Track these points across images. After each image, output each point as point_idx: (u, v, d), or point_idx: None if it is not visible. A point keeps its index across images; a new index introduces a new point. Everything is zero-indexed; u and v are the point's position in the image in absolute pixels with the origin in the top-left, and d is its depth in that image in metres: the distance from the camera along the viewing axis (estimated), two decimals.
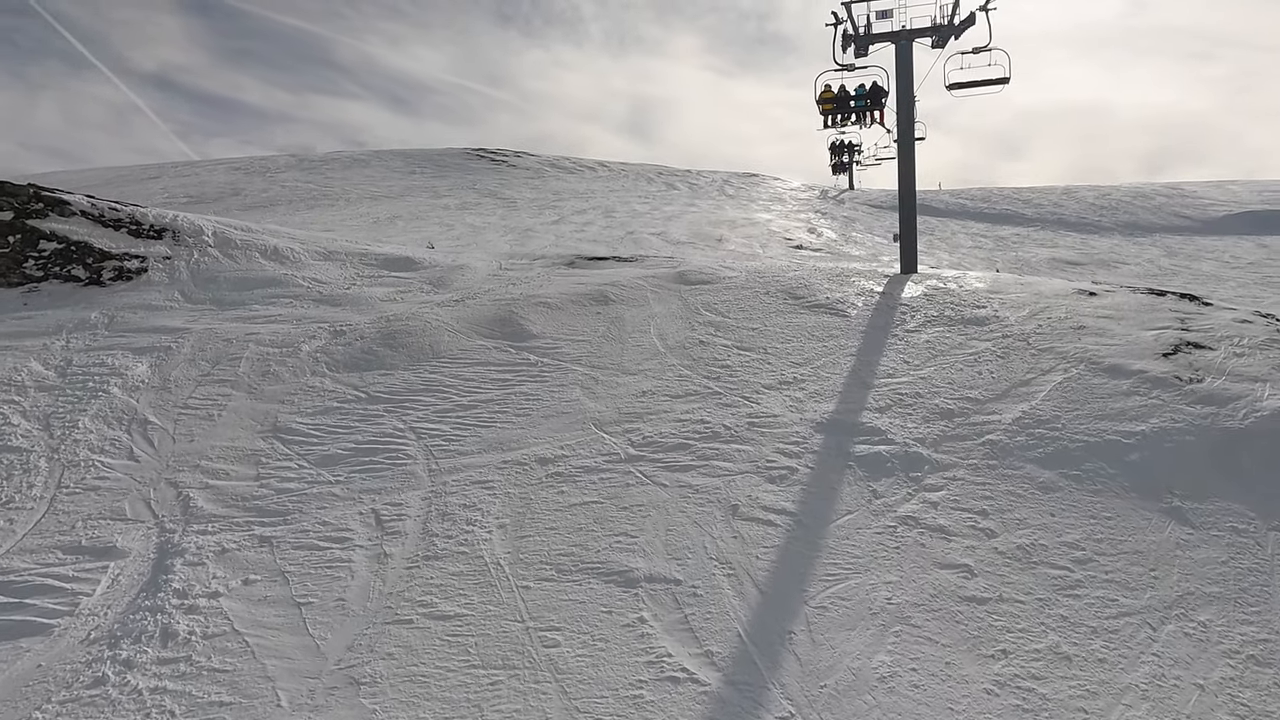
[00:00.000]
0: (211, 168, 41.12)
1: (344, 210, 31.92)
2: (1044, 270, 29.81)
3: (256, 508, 5.44)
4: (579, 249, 22.66)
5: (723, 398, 7.39)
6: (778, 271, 10.94)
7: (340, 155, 44.42)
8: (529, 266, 10.61)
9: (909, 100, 11.76)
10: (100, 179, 38.17)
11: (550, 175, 44.60)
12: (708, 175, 50.80)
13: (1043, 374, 8.19)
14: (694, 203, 39.51)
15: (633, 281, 9.98)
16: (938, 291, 10.30)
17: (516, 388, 7.33)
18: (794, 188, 49.54)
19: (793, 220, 35.45)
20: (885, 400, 7.53)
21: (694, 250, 26.09)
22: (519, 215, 31.56)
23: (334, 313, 8.63)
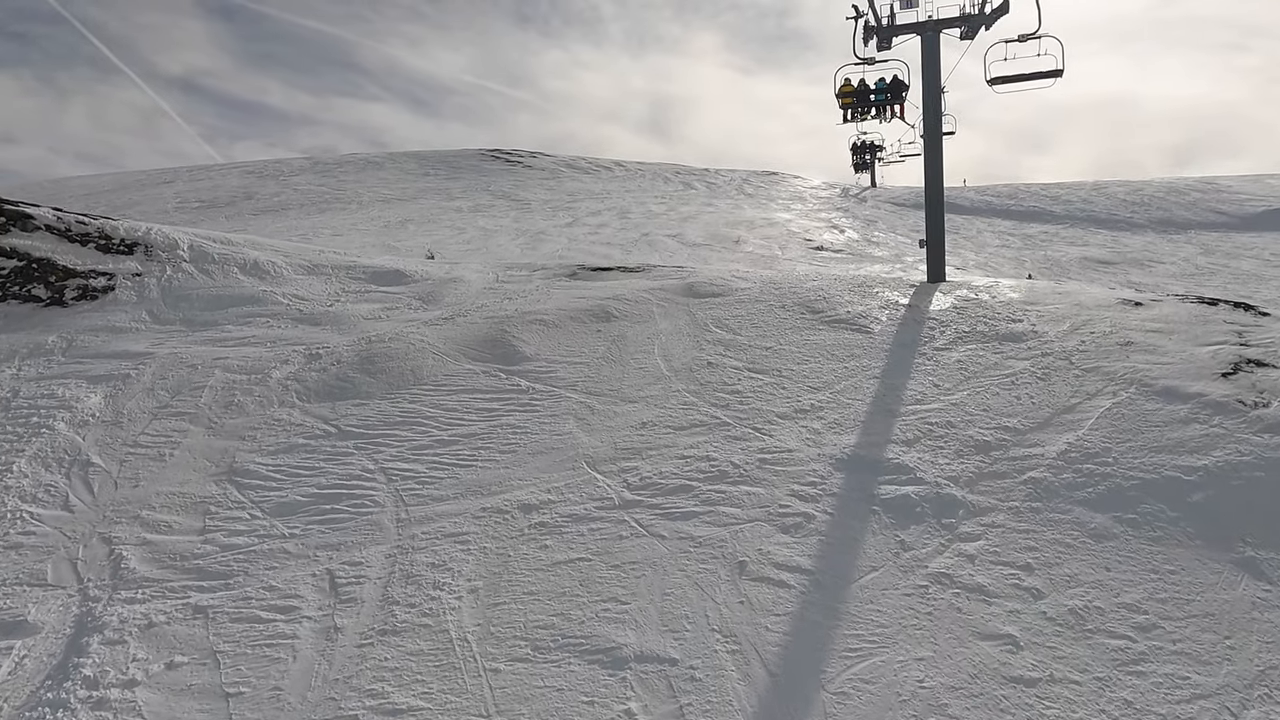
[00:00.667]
0: (226, 171, 40.91)
1: (356, 214, 31.48)
2: (1075, 270, 28.75)
3: (196, 568, 4.79)
4: (589, 254, 22.01)
5: (731, 429, 6.65)
6: (794, 282, 10.16)
7: (354, 158, 44.09)
8: (527, 279, 9.93)
9: (936, 95, 10.95)
10: (117, 183, 38.10)
11: (566, 176, 43.98)
12: (726, 174, 49.95)
13: (1089, 398, 7.37)
14: (712, 202, 38.72)
15: (637, 295, 9.26)
16: (969, 303, 9.49)
17: (503, 419, 6.64)
18: (814, 186, 48.56)
19: (813, 220, 34.55)
20: (913, 431, 6.75)
21: (711, 252, 25.34)
22: (532, 217, 30.95)
23: (312, 333, 7.99)
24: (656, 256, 24.06)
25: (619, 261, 19.27)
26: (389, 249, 23.56)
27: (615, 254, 24.28)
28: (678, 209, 34.70)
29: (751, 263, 23.91)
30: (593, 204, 35.10)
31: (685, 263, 22.74)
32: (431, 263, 10.39)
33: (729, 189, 44.66)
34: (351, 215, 31.25)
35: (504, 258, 22.78)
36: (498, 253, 23.57)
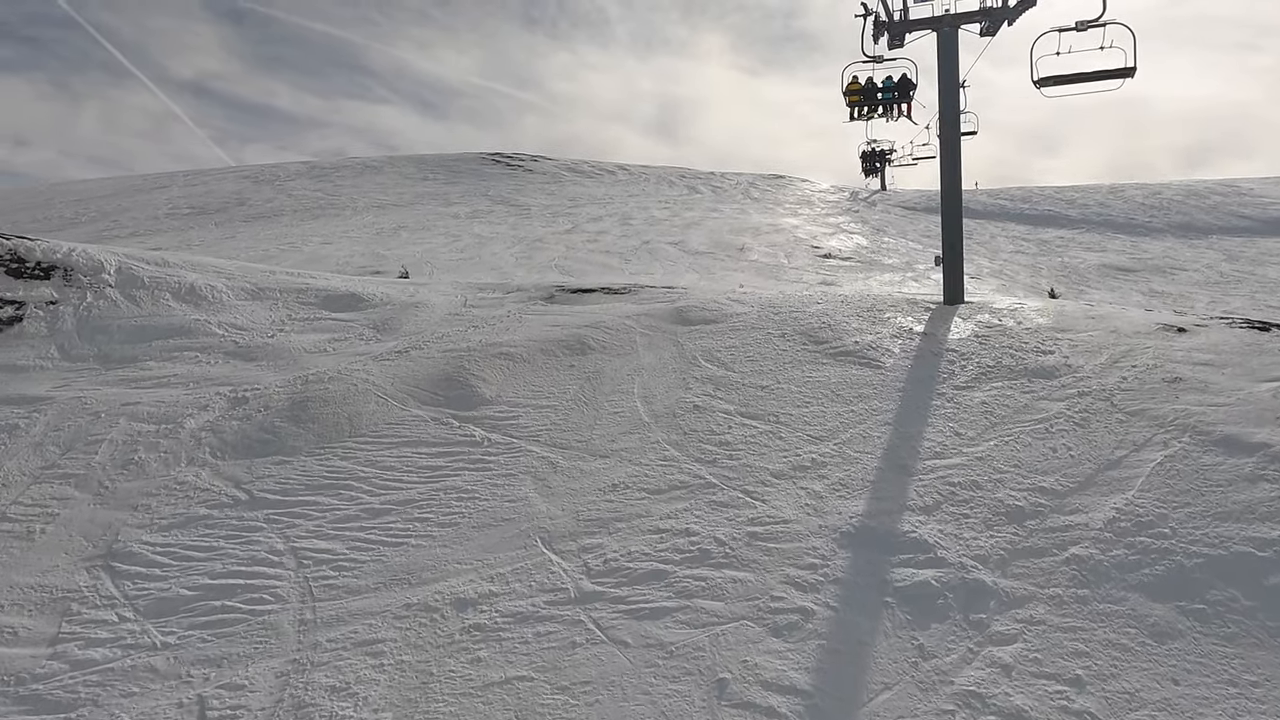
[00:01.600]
0: (222, 176, 40.14)
1: (349, 220, 30.59)
2: (1094, 278, 27.57)
3: (32, 697, 3.81)
4: (586, 263, 21.05)
5: (718, 492, 5.63)
6: (796, 306, 9.13)
7: (353, 162, 43.26)
8: (499, 303, 8.94)
9: (953, 97, 9.90)
10: (112, 188, 37.36)
11: (568, 180, 43.02)
12: (732, 178, 48.91)
13: (1136, 449, 6.32)
14: (717, 207, 37.70)
15: (620, 322, 8.25)
16: (992, 330, 8.44)
17: (449, 480, 5.64)
18: (822, 190, 47.45)
19: (821, 225, 33.46)
20: (932, 494, 5.71)
21: (714, 261, 24.31)
22: (530, 224, 29.99)
23: (243, 371, 7.02)
24: (657, 266, 23.05)
25: (615, 274, 18.24)
26: (376, 258, 22.64)
27: (614, 263, 23.29)
28: (681, 214, 33.69)
29: (756, 272, 22.87)
30: (594, 209, 34.12)
31: (687, 272, 21.73)
32: (395, 285, 9.41)
33: (735, 193, 43.61)
34: (345, 222, 30.35)
35: (498, 266, 21.82)
36: (491, 261, 22.61)
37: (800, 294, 9.95)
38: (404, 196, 35.87)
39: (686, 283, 10.82)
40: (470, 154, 46.26)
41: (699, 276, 21.71)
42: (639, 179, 45.68)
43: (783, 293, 10.17)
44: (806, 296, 9.72)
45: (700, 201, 39.40)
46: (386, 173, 40.86)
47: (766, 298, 9.49)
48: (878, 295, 10.06)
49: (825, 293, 10.30)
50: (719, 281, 20.70)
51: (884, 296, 9.99)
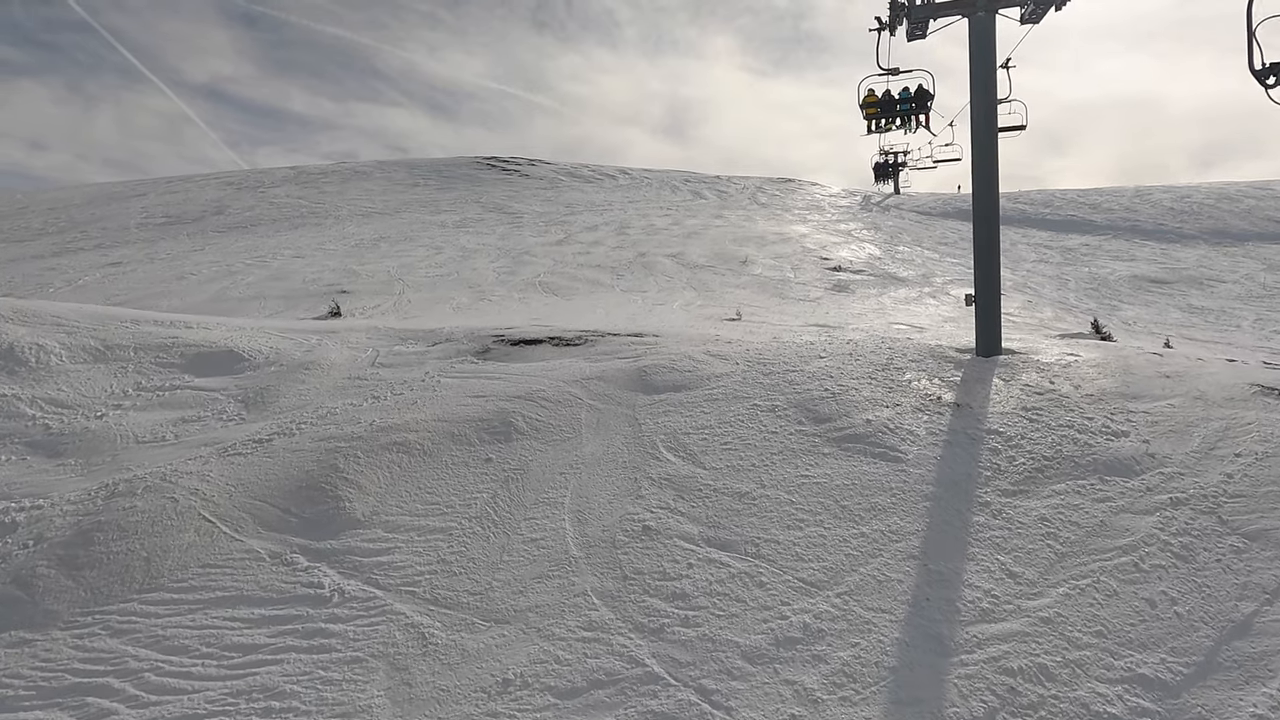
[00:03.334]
0: (204, 183, 38.52)
1: (329, 230, 28.85)
2: (1125, 291, 25.44)
3: None
4: (573, 279, 19.17)
5: (660, 693, 3.75)
6: (793, 360, 7.23)
7: (341, 167, 41.58)
8: (419, 359, 7.08)
9: (988, 92, 7.97)
10: (87, 197, 35.82)
11: (565, 185, 41.17)
12: (739, 182, 46.94)
13: (1269, 601, 4.41)
14: (721, 214, 35.75)
15: (563, 391, 6.37)
16: (1044, 399, 6.51)
17: (258, 675, 3.78)
18: (833, 194, 45.40)
19: (831, 233, 31.46)
20: (982, 696, 3.81)
21: (714, 275, 22.39)
22: (520, 234, 28.16)
23: (37, 474, 5.20)
24: (651, 283, 21.15)
25: (600, 297, 16.32)
26: (347, 274, 20.86)
27: (604, 278, 21.41)
28: (683, 222, 31.78)
29: (759, 288, 20.94)
30: (590, 217, 32.27)
31: (683, 290, 19.81)
32: (296, 334, 7.55)
33: (741, 198, 41.65)
34: (325, 231, 28.62)
35: (476, 285, 19.99)
36: (470, 278, 20.78)
37: (798, 343, 8.04)
38: (391, 204, 34.12)
39: (662, 325, 8.93)
40: (465, 158, 44.47)
41: (696, 295, 19.80)
42: (641, 183, 43.78)
43: (777, 339, 8.26)
44: (806, 347, 7.80)
45: (704, 207, 37.47)
46: (375, 178, 39.12)
47: (756, 348, 7.58)
48: (894, 343, 8.14)
49: (830, 340, 8.37)
50: (717, 301, 18.80)
51: (902, 345, 8.07)
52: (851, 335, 8.71)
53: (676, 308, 17.58)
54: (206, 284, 19.91)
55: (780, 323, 13.84)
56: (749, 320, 13.87)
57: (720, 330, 9.50)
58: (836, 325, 12.43)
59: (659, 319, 14.05)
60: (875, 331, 9.18)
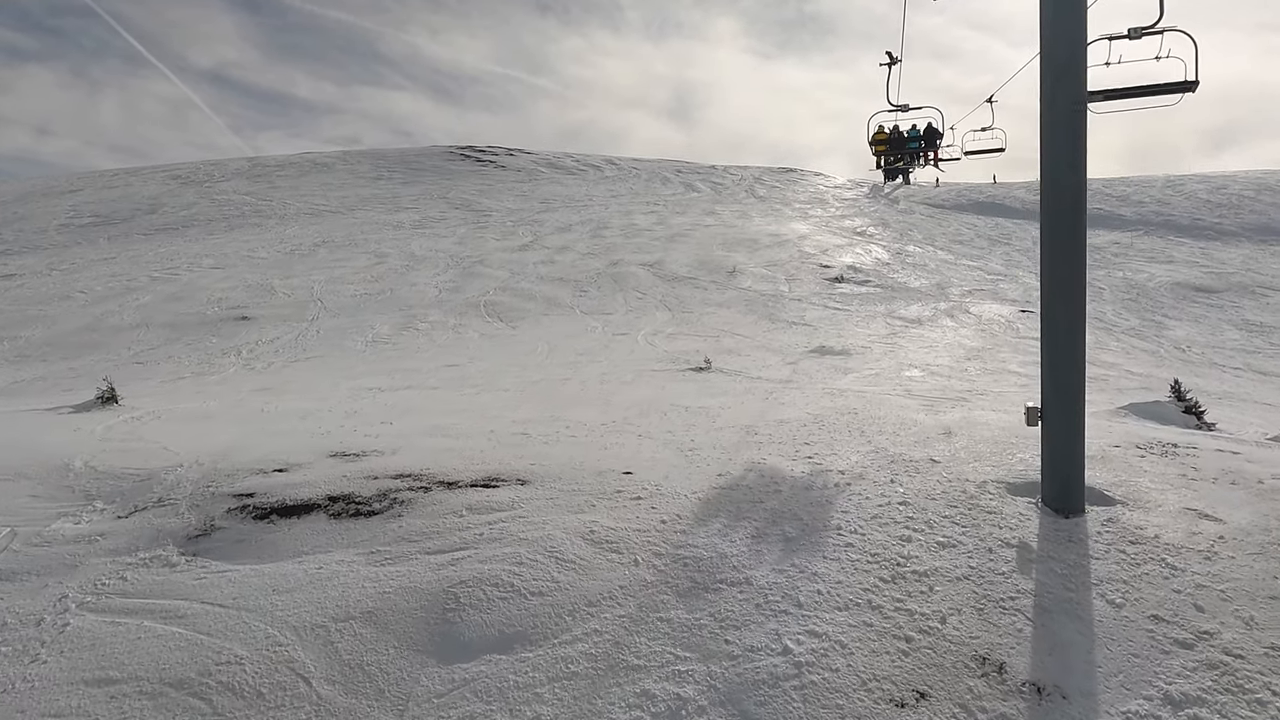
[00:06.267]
0: (147, 176, 35.35)
1: (269, 232, 25.72)
2: (1168, 301, 22.09)
3: None
4: (527, 295, 15.82)
5: None
6: (736, 548, 4.10)
7: (301, 158, 38.30)
8: (78, 555, 4.02)
9: (1073, 43, 4.69)
10: (15, 192, 32.73)
11: (544, 178, 37.86)
12: (736, 172, 43.54)
13: None
14: (714, 210, 32.47)
15: (274, 664, 3.30)
16: (1198, 661, 3.39)
17: None
18: (837, 185, 41.96)
19: (834, 233, 28.13)
20: None
21: (694, 290, 19.20)
22: (482, 237, 24.97)
23: None
24: (619, 300, 18.00)
25: (499, 355, 13.20)
26: (261, 292, 17.75)
27: (564, 295, 18.27)
28: (669, 221, 28.54)
29: (746, 306, 17.75)
30: (566, 215, 29.04)
31: (656, 310, 16.62)
32: None
33: (737, 191, 38.29)
34: (264, 234, 25.49)
35: (410, 305, 16.88)
36: (406, 296, 17.67)
37: (753, 483, 4.91)
38: (347, 200, 30.93)
39: (547, 449, 5.74)
40: (437, 148, 41.10)
41: (669, 317, 16.63)
42: (629, 175, 40.42)
43: (725, 473, 5.13)
44: (767, 496, 4.68)
45: (695, 203, 34.19)
46: (336, 171, 35.87)
47: (679, 513, 4.46)
48: (908, 485, 4.99)
49: (812, 470, 5.21)
50: (692, 326, 15.63)
51: (921, 489, 4.93)
52: (843, 464, 5.53)
53: (641, 338, 14.43)
54: (90, 306, 16.83)
55: (760, 375, 10.67)
56: (718, 373, 10.70)
57: (650, 427, 6.36)
58: (829, 389, 9.24)
59: (601, 368, 10.89)
60: (878, 452, 6.00)
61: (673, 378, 10.26)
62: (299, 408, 7.44)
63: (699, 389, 9.06)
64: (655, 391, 8.78)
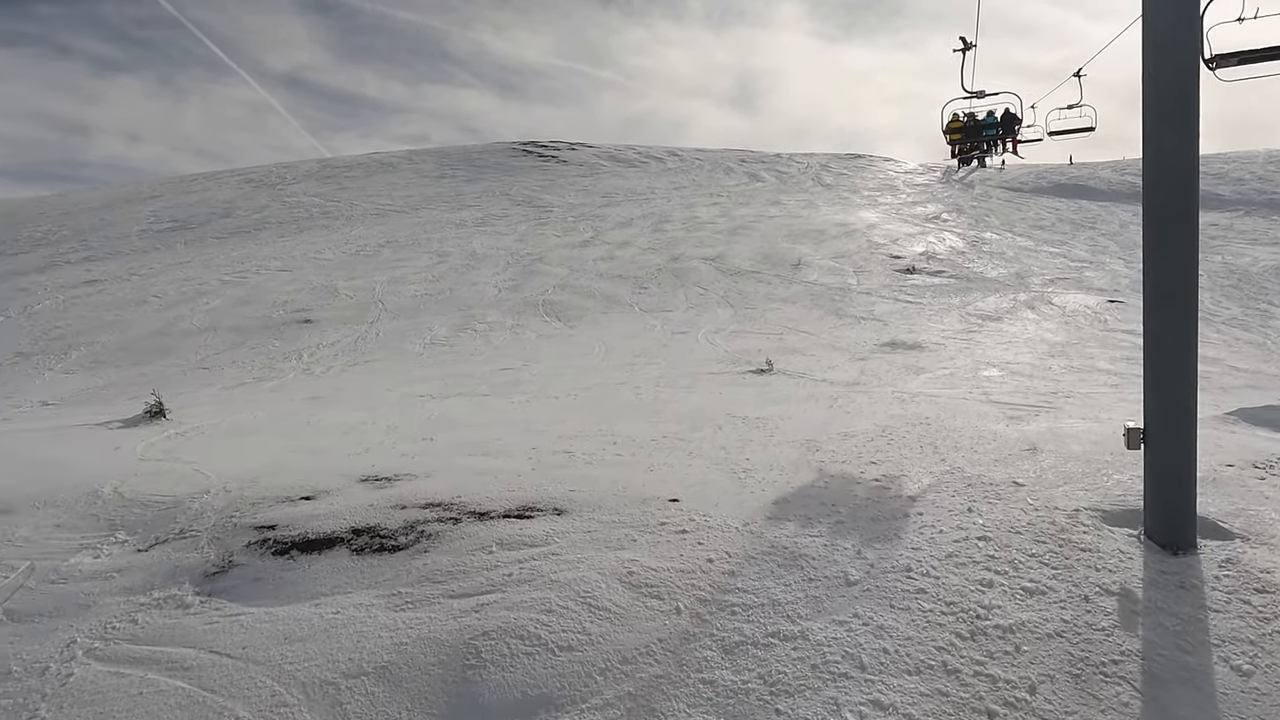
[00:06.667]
0: (224, 180, 36.42)
1: (336, 233, 26.10)
2: (1272, 285, 20.47)
3: None
4: (588, 294, 15.49)
5: None
6: (785, 604, 3.66)
7: (369, 159, 38.90)
8: (93, 593, 3.83)
9: (1188, 17, 4.07)
10: (102, 199, 34.13)
11: (606, 172, 37.58)
12: (802, 160, 42.46)
13: None
14: (779, 199, 31.67)
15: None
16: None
17: None
18: (908, 170, 40.50)
19: (905, 221, 27.06)
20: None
21: (757, 285, 18.61)
22: (543, 233, 24.82)
23: None
24: (680, 296, 17.56)
25: (558, 357, 12.89)
26: (326, 294, 17.91)
27: (624, 292, 17.92)
28: (732, 212, 27.90)
29: (811, 301, 17.08)
30: (628, 209, 28.69)
31: (717, 306, 16.13)
32: None
33: (803, 179, 37.29)
34: (330, 235, 25.89)
35: (469, 305, 16.78)
36: (466, 296, 17.60)
37: (791, 533, 4.45)
38: (411, 200, 31.23)
39: (592, 468, 5.38)
40: (500, 145, 41.22)
41: (731, 314, 16.11)
42: (692, 166, 39.82)
43: (782, 500, 4.69)
44: (809, 548, 4.22)
45: (760, 193, 33.41)
46: (402, 170, 36.30)
47: (724, 555, 4.05)
48: (986, 517, 4.45)
49: (880, 494, 4.72)
50: (755, 323, 15.08)
51: (1002, 520, 4.39)
52: (914, 487, 5.01)
53: (701, 337, 13.98)
54: (163, 311, 17.26)
55: (825, 377, 10.11)
56: (780, 375, 10.18)
57: (702, 442, 5.93)
58: (900, 394, 8.63)
59: (658, 370, 10.48)
60: (953, 472, 5.43)
61: (731, 381, 9.80)
62: (344, 420, 7.26)
63: (758, 395, 8.57)
64: (711, 399, 8.33)
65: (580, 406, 7.90)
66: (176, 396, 10.64)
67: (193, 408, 8.65)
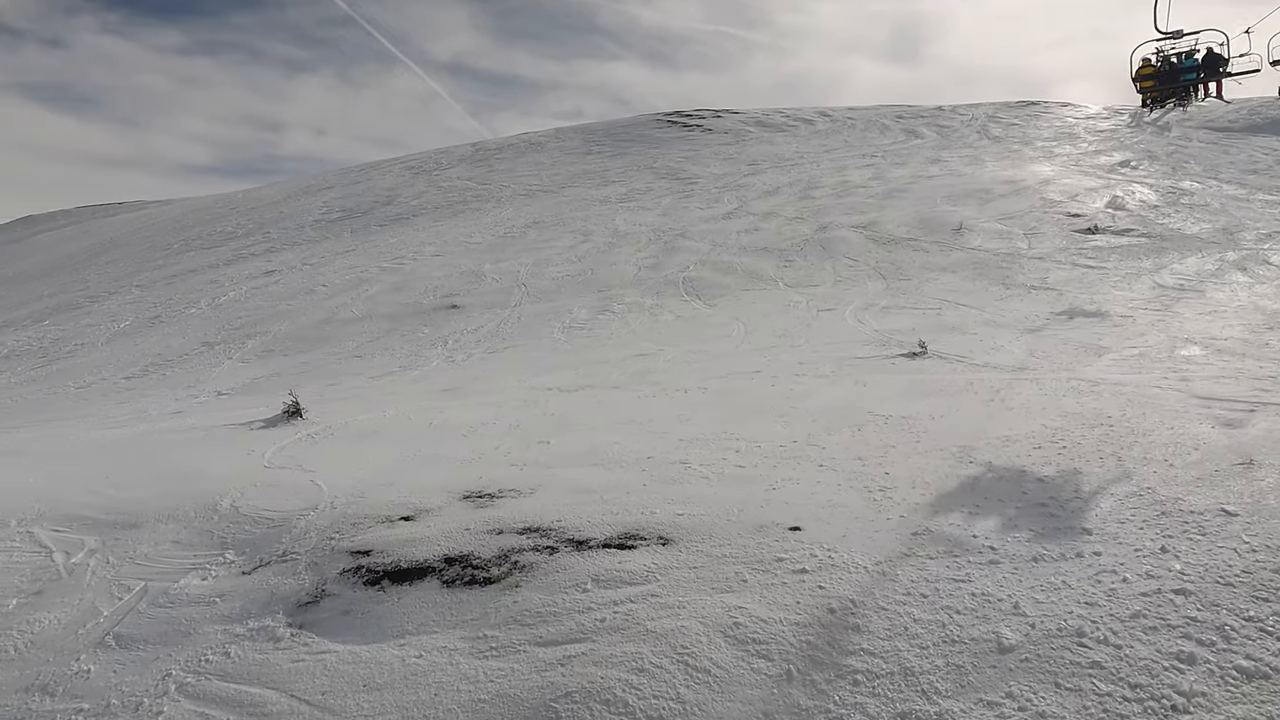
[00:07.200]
0: (387, 168, 38.35)
1: (486, 215, 26.80)
2: None
3: None
4: (728, 270, 14.87)
5: None
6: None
7: (519, 140, 39.72)
8: (195, 619, 3.78)
9: None
10: (283, 192, 36.90)
11: (752, 139, 36.40)
12: (966, 111, 39.38)
13: None
14: (939, 157, 29.49)
15: None
16: None
17: None
18: (1090, 115, 36.59)
19: (1085, 173, 24.38)
20: None
21: (911, 253, 17.29)
22: (686, 206, 24.34)
23: None
24: (827, 268, 16.60)
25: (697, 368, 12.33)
26: (471, 279, 18.35)
27: (767, 267, 17.15)
28: (887, 174, 26.22)
29: (974, 271, 15.63)
30: (774, 177, 27.63)
31: (868, 279, 15.09)
32: (62, 531, 4.65)
33: (967, 133, 34.55)
34: (481, 218, 26.61)
35: (607, 286, 16.64)
36: (605, 277, 17.47)
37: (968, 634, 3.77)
38: (558, 178, 31.56)
39: (706, 486, 4.90)
40: (645, 117, 40.88)
41: (883, 287, 15.02)
42: (844, 126, 37.85)
43: (909, 553, 4.04)
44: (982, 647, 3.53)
45: (918, 150, 31.24)
46: (549, 149, 36.77)
47: (844, 609, 3.48)
48: (1195, 599, 3.59)
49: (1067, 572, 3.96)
50: (910, 296, 13.95)
51: (1220, 617, 3.51)
52: (1089, 516, 4.19)
53: (849, 315, 13.07)
54: (328, 299, 18.28)
55: (986, 360, 9.05)
56: (935, 359, 9.23)
57: (836, 450, 5.31)
58: (1076, 382, 7.51)
59: (798, 355, 9.78)
60: (1141, 495, 4.52)
61: (878, 368, 8.98)
62: (466, 420, 7.17)
63: (907, 386, 7.75)
64: (854, 391, 7.61)
65: (708, 403, 7.42)
66: (327, 388, 11.13)
67: (333, 402, 8.92)
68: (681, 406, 7.29)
